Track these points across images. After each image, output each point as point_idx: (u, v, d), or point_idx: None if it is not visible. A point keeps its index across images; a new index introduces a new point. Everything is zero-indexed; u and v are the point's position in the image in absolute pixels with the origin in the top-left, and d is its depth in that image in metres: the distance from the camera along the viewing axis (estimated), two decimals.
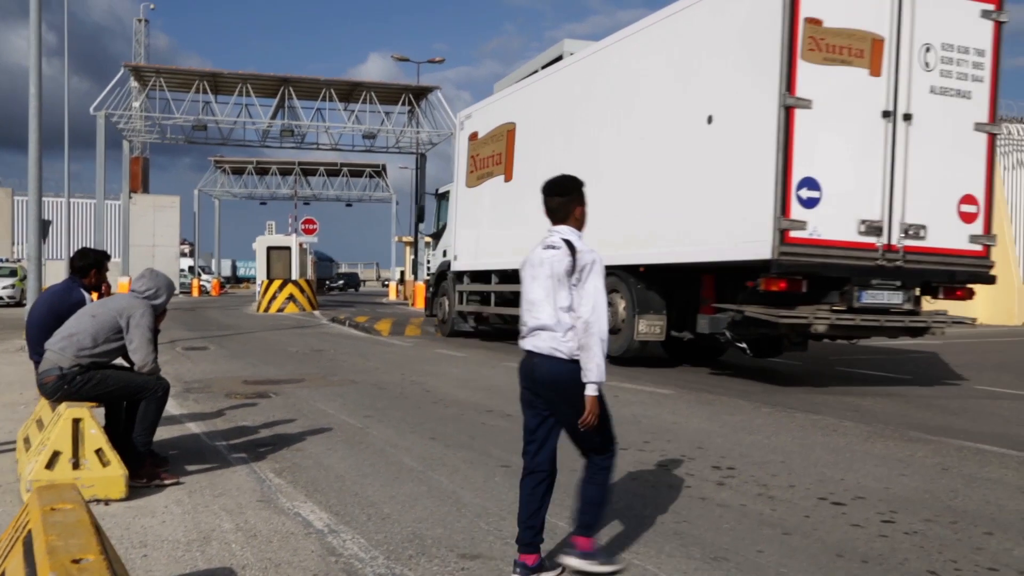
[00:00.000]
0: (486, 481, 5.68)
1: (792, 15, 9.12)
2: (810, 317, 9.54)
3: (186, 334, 18.35)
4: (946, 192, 9.99)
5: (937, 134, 9.78)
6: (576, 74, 13.67)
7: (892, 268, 9.68)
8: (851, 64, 9.40)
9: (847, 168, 9.51)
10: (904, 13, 9.57)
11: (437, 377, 11.11)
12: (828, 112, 9.28)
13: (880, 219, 9.56)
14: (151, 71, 34.44)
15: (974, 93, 9.95)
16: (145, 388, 5.43)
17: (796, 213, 9.17)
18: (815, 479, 5.81)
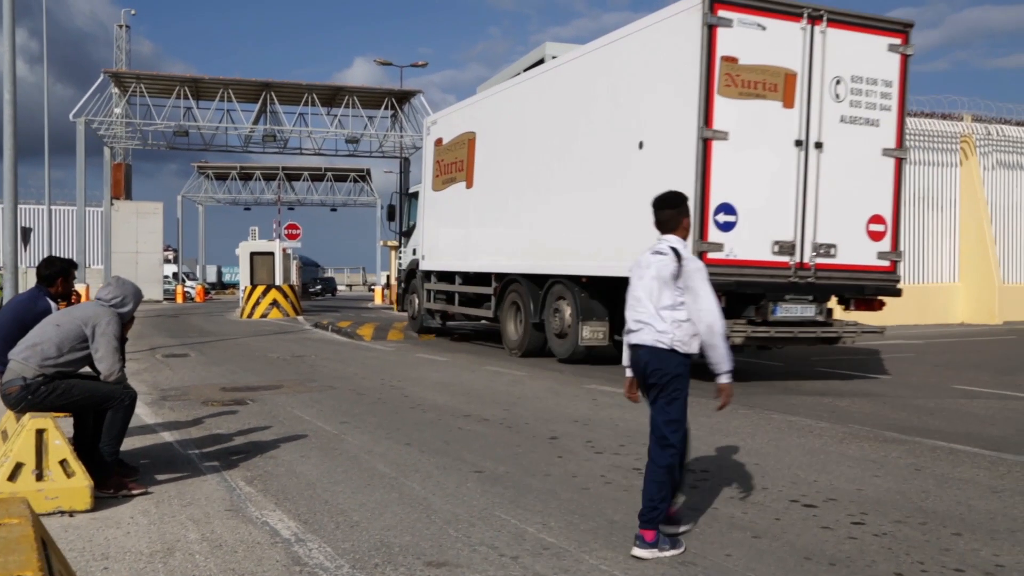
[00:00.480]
0: (458, 487, 5.64)
1: (709, 54, 9.83)
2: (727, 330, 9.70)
3: (167, 341, 18.23)
4: (855, 213, 10.74)
5: (847, 160, 10.53)
6: (528, 92, 14.25)
7: (804, 284, 10.49)
8: (765, 97, 10.15)
9: (762, 193, 10.22)
10: (815, 49, 10.32)
11: (417, 382, 11.07)
12: (744, 142, 10.02)
13: (793, 239, 10.37)
14: (131, 77, 34.24)
15: (882, 121, 10.72)
16: (111, 397, 5.37)
17: (713, 236, 9.94)
18: (788, 481, 5.81)
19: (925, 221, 23.18)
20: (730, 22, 9.92)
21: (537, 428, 7.76)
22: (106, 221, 37.18)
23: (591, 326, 12.27)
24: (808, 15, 10.36)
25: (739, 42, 9.96)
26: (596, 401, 9.39)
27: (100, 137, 35.00)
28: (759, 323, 10.45)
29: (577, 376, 11.66)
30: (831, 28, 10.44)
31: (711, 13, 9.84)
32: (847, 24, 10.59)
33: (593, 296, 12.40)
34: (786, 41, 10.23)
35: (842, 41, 10.48)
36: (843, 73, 10.51)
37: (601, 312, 12.35)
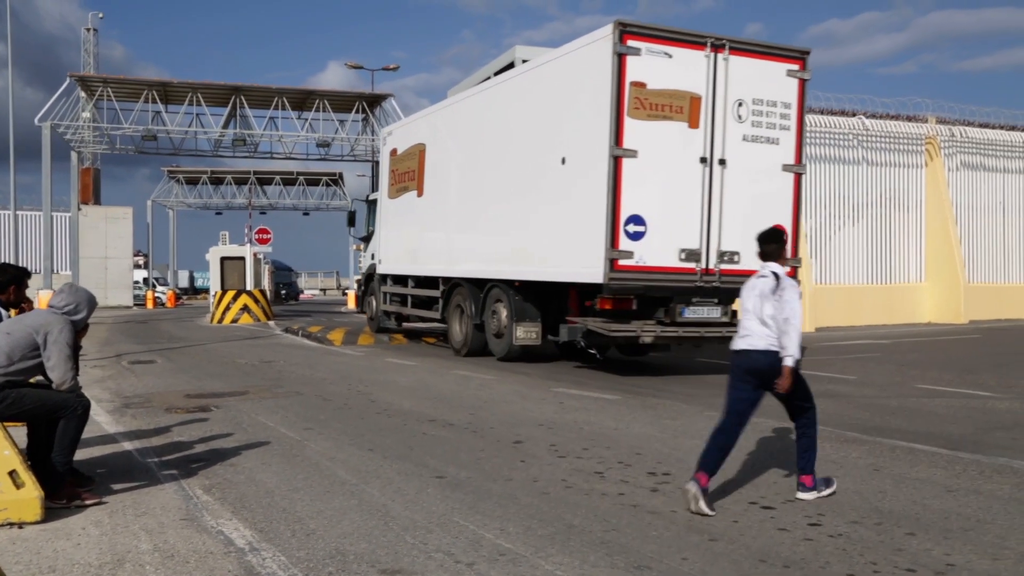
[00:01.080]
0: (418, 493, 5.61)
1: (619, 80, 10.74)
2: (638, 330, 11.35)
3: (134, 347, 18.02)
4: (757, 223, 11.13)
5: (749, 175, 11.51)
6: (471, 108, 15.08)
7: (710, 288, 11.46)
8: (672, 119, 11.08)
9: (669, 206, 11.17)
10: (719, 74, 11.28)
11: (384, 387, 11.02)
12: (652, 159, 10.94)
13: (698, 247, 11.30)
14: (98, 81, 33.83)
15: (782, 140, 11.72)
16: (64, 406, 5.28)
17: (624, 245, 10.86)
18: (749, 483, 5.83)
19: (892, 222, 23.45)
20: (638, 51, 10.84)
21: (502, 432, 7.74)
22: (73, 226, 36.72)
23: (524, 327, 13.02)
24: (711, 44, 11.28)
25: (647, 69, 10.88)
26: (563, 404, 9.39)
27: (67, 141, 34.55)
28: (668, 323, 11.44)
29: (545, 380, 11.66)
30: (733, 55, 11.38)
31: (621, 43, 10.74)
32: (748, 52, 11.53)
33: (527, 299, 13.12)
34: (691, 67, 11.17)
35: (744, 67, 11.44)
36: (745, 96, 11.46)
37: (534, 314, 13.09)
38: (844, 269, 22.84)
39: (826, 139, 22.79)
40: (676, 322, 11.42)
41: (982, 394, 10.05)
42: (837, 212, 22.83)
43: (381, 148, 19.92)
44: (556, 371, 12.70)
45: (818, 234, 22.51)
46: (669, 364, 13.88)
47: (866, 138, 23.20)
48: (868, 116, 23.16)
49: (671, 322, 11.44)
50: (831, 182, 22.77)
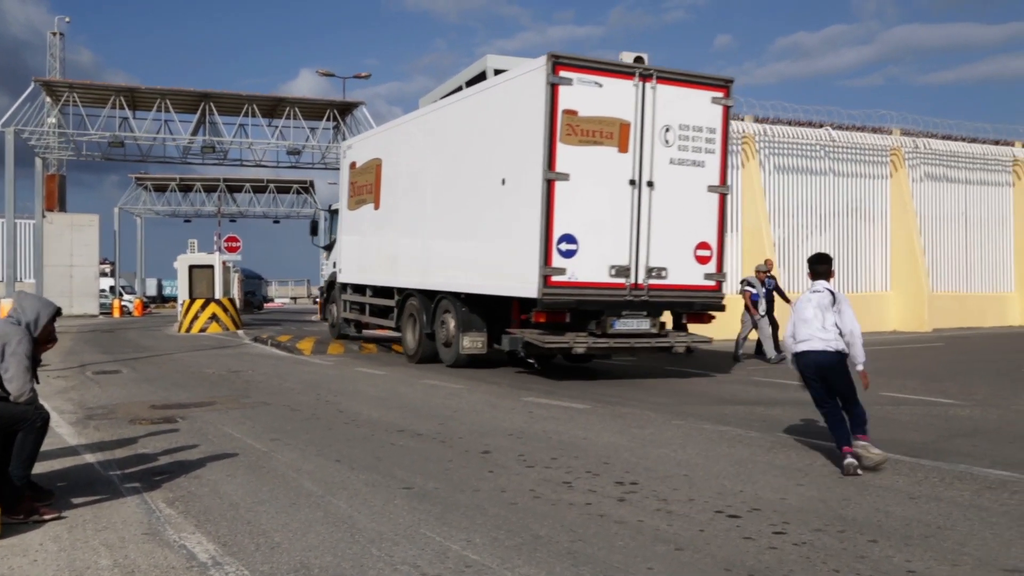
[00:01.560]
0: (385, 504, 5.58)
1: (552, 108, 11.37)
2: (571, 341, 12.01)
3: (99, 357, 17.76)
4: (684, 241, 12.40)
5: (676, 196, 12.17)
6: (423, 127, 15.83)
7: (639, 302, 12.09)
8: (602, 144, 11.72)
9: (600, 225, 11.80)
10: (647, 102, 11.90)
11: (353, 396, 10.96)
12: (583, 182, 11.58)
13: (628, 264, 11.95)
14: (64, 86, 33.41)
15: (707, 163, 12.41)
16: (22, 419, 5.19)
17: (556, 262, 11.50)
18: (715, 492, 5.86)
19: (857, 232, 23.75)
20: (570, 81, 11.47)
21: (471, 442, 7.73)
22: (38, 234, 36.17)
23: (471, 336, 13.46)
24: (640, 74, 11.93)
25: (578, 97, 11.51)
26: (532, 414, 9.39)
27: (31, 148, 34.06)
28: (600, 335, 12.08)
29: (515, 389, 11.66)
30: (660, 84, 12.00)
31: (553, 73, 11.37)
32: (674, 81, 12.19)
33: (473, 310, 13.56)
34: (621, 96, 11.80)
35: (670, 95, 12.10)
36: (672, 122, 12.10)
37: (480, 325, 13.54)
38: None
39: (794, 150, 23.07)
40: (607, 334, 12.08)
41: (944, 401, 10.19)
42: (805, 222, 23.10)
43: (342, 160, 20.55)
44: (526, 381, 12.71)
45: (786, 244, 22.75)
46: (638, 373, 13.94)
47: (833, 149, 23.51)
48: (835, 127, 23.47)
49: (603, 334, 12.08)
50: (799, 192, 23.04)
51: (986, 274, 25.80)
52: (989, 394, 10.90)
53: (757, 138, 22.24)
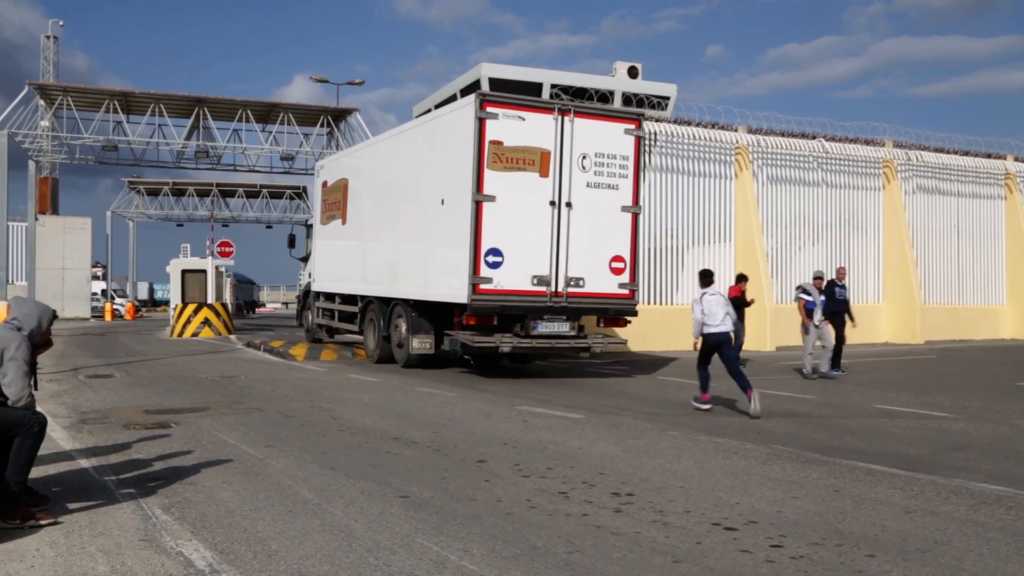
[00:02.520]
0: (382, 513, 5.57)
1: (480, 139, 12.96)
2: (498, 341, 13.40)
3: (91, 361, 17.70)
4: (600, 254, 13.92)
5: (592, 215, 13.75)
6: (381, 151, 17.63)
7: (559, 307, 13.60)
8: (525, 170, 13.32)
9: (523, 240, 13.32)
10: (565, 134, 13.53)
11: (347, 403, 10.94)
12: (508, 203, 13.17)
13: (548, 274, 13.50)
14: (58, 89, 33.37)
15: (621, 186, 13.97)
16: (19, 424, 5.17)
17: (484, 272, 13.08)
18: (711, 504, 5.87)
19: (850, 243, 23.85)
20: (496, 115, 13.08)
21: (466, 451, 7.72)
22: (30, 236, 36.04)
23: (419, 338, 14.86)
24: (559, 109, 13.68)
25: (503, 130, 13.12)
26: (527, 423, 9.39)
27: (25, 151, 33.97)
28: (524, 336, 13.54)
29: (509, 397, 11.66)
30: (578, 118, 13.64)
31: (481, 109, 13.01)
32: (590, 115, 13.92)
33: (421, 315, 14.95)
34: (541, 128, 13.41)
35: (587, 127, 13.69)
36: (588, 150, 13.69)
37: (427, 328, 14.89)
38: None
39: (787, 161, 23.17)
40: (530, 335, 13.56)
41: (937, 415, 10.23)
42: (797, 233, 23.19)
43: (315, 179, 22.14)
44: (519, 389, 12.71)
45: (778, 255, 22.83)
46: (630, 383, 13.96)
47: (826, 160, 23.62)
48: (828, 139, 23.58)
49: (526, 335, 13.55)
50: (791, 203, 23.13)
51: (978, 287, 25.94)
52: (982, 407, 10.95)
53: (750, 149, 22.33)
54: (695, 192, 21.86)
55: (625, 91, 22.86)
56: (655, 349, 20.22)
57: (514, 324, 13.61)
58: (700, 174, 21.98)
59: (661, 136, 21.32)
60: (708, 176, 22.08)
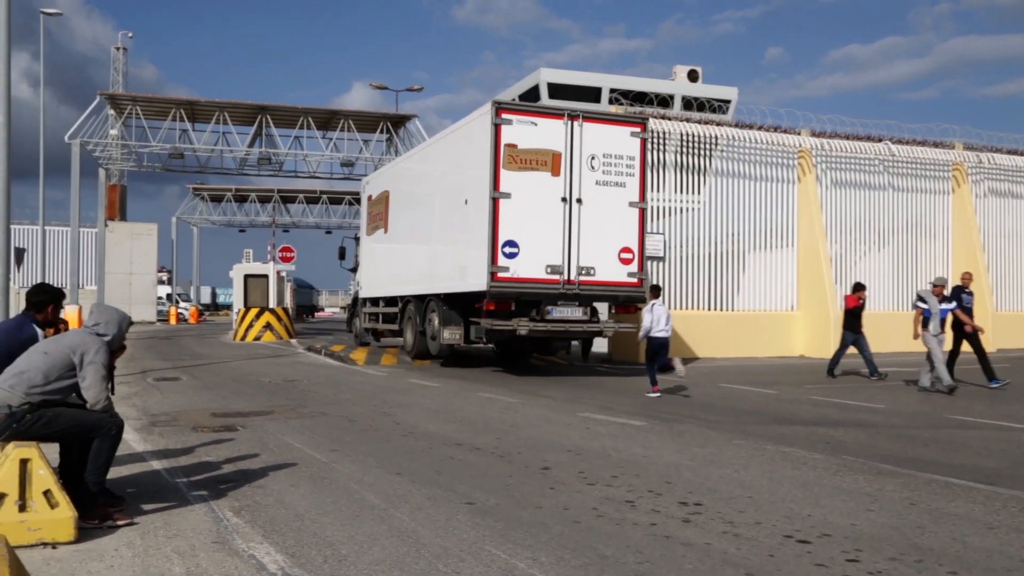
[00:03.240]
0: (448, 520, 5.57)
1: (496, 142, 14.37)
2: (515, 325, 14.64)
3: (159, 364, 18.12)
4: (609, 245, 15.12)
5: (601, 210, 14.98)
6: (415, 162, 19.77)
7: (571, 294, 14.86)
8: (538, 170, 14.65)
9: (538, 233, 14.62)
10: (575, 137, 14.81)
11: (408, 408, 11.00)
12: (523, 200, 14.50)
13: (561, 264, 14.79)
14: (127, 99, 34.31)
15: (628, 184, 15.20)
16: (98, 426, 5.29)
17: (501, 262, 14.43)
18: (782, 515, 5.74)
19: (918, 248, 23.26)
20: (510, 121, 14.47)
21: (529, 458, 7.69)
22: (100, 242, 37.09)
23: (450, 330, 16.05)
24: (568, 114, 14.93)
25: (517, 134, 14.47)
26: (589, 430, 9.32)
27: (96, 159, 34.99)
28: (539, 320, 14.74)
29: (570, 403, 11.60)
30: (586, 123, 14.95)
31: (497, 116, 14.42)
32: (598, 119, 15.30)
33: (452, 308, 16.15)
34: (553, 132, 14.73)
35: (595, 131, 14.98)
36: (597, 151, 14.93)
37: (457, 320, 16.01)
38: (869, 295, 22.55)
39: (852, 164, 22.69)
40: (545, 319, 14.78)
41: (1015, 426, 9.88)
42: (862, 238, 22.68)
43: (362, 195, 24.21)
44: (580, 395, 12.65)
45: (842, 260, 22.35)
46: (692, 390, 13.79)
47: (892, 163, 23.07)
48: (895, 142, 23.03)
49: (541, 319, 14.75)
50: (855, 208, 22.64)
51: None
52: None
53: (814, 152, 21.92)
54: (756, 196, 21.55)
55: (685, 95, 22.66)
56: (716, 355, 19.97)
57: (530, 310, 14.79)
58: (762, 178, 21.66)
59: (722, 140, 21.06)
60: (770, 180, 21.74)
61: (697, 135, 20.73)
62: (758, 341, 20.68)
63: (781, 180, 21.86)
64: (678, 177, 20.56)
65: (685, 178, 20.65)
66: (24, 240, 41.29)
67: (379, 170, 24.43)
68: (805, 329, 21.35)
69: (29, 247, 38.47)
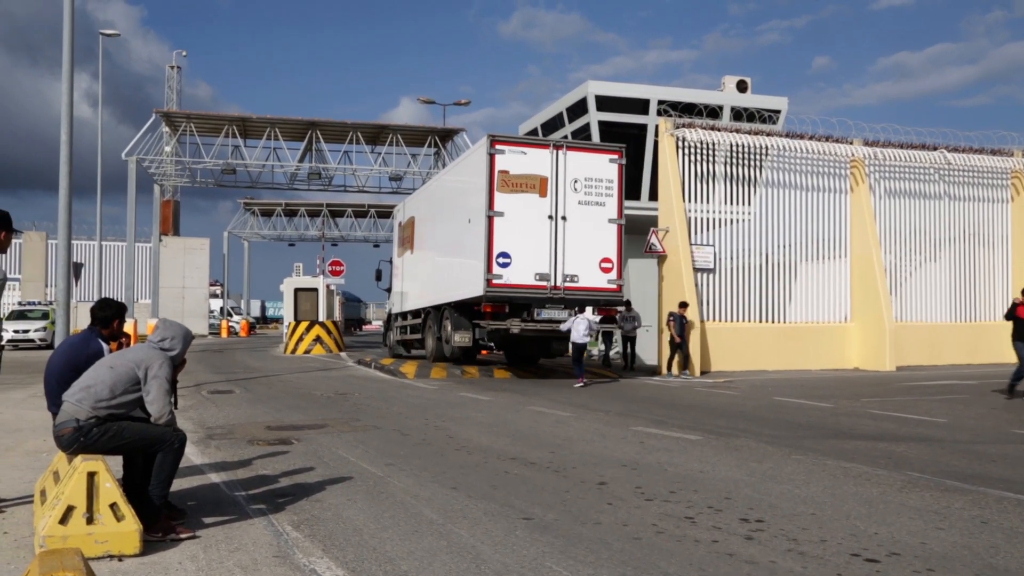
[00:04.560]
0: (507, 535, 5.53)
1: (491, 169, 17.02)
2: (509, 324, 17.25)
3: (212, 377, 18.38)
4: (591, 256, 17.50)
5: (584, 226, 17.43)
6: (433, 189, 23.22)
7: (558, 298, 17.38)
8: (527, 192, 17.19)
9: (527, 246, 17.11)
10: (559, 163, 17.36)
11: (461, 422, 10.99)
12: (514, 217, 17.05)
13: (548, 272, 17.27)
14: (182, 116, 35.03)
15: (607, 203, 17.62)
16: (162, 440, 5.36)
17: (496, 271, 16.95)
18: (847, 533, 5.60)
19: (975, 258, 22.71)
20: (503, 151, 17.10)
21: (585, 472, 7.63)
22: (154, 256, 37.86)
23: (459, 333, 18.43)
24: (553, 144, 17.70)
25: (509, 161, 17.06)
26: (643, 444, 9.23)
27: (151, 175, 35.75)
28: (529, 320, 17.23)
29: (623, 417, 11.50)
30: (570, 151, 17.59)
31: (491, 147, 17.09)
32: (580, 148, 18.09)
33: (461, 314, 18.47)
34: (540, 159, 17.31)
35: (578, 158, 17.56)
36: (579, 175, 17.44)
37: (466, 324, 18.29)
38: (925, 306, 22.16)
39: (906, 173, 22.27)
40: (534, 320, 17.26)
41: None
42: (917, 248, 22.23)
43: (393, 222, 27.89)
44: (632, 408, 12.54)
45: (897, 270, 21.92)
46: (745, 403, 13.59)
47: (948, 172, 22.59)
48: (950, 150, 22.54)
49: (531, 320, 17.21)
50: (910, 217, 22.22)
51: None
52: None
53: (867, 161, 21.56)
54: (808, 206, 21.27)
55: (735, 105, 22.45)
56: (767, 368, 19.68)
57: (522, 312, 17.24)
58: (813, 188, 21.36)
59: (772, 150, 20.82)
60: (822, 190, 21.43)
61: (746, 145, 20.53)
62: (811, 353, 20.34)
63: (833, 190, 21.52)
64: (727, 188, 20.36)
65: (734, 189, 20.46)
66: (81, 255, 42.34)
67: (407, 198, 27.12)
68: (859, 341, 20.95)
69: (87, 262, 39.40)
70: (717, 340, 19.48)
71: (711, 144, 20.15)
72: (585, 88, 21.91)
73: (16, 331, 31.04)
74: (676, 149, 19.87)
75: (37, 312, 33.07)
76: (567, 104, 23.09)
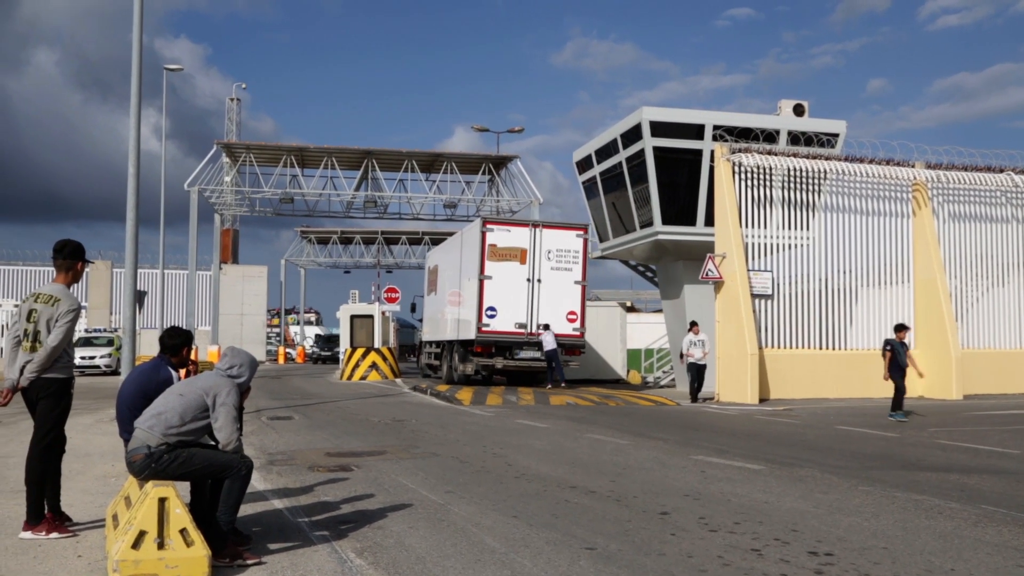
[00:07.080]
0: (571, 566, 5.48)
1: (482, 243, 22.76)
2: (494, 361, 22.84)
3: (271, 403, 18.62)
4: (560, 310, 22.95)
5: (555, 286, 23.01)
6: (447, 248, 28.88)
7: (533, 342, 22.81)
8: (510, 260, 22.79)
9: (510, 301, 22.69)
10: (537, 238, 23.09)
11: (519, 450, 10.96)
12: (500, 280, 22.74)
13: (526, 321, 22.84)
14: (242, 147, 35.85)
15: (574, 269, 23.22)
16: (229, 467, 5.44)
17: (484, 320, 22.60)
18: (922, 568, 5.44)
19: None
20: (492, 229, 22.98)
21: (646, 502, 7.53)
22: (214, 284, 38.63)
23: (463, 365, 23.57)
24: (532, 223, 24.17)
25: (497, 237, 22.85)
26: (705, 474, 9.09)
27: (211, 204, 36.59)
28: (511, 359, 22.79)
29: (682, 446, 11.35)
30: (545, 229, 23.48)
31: (483, 226, 22.94)
32: (553, 227, 23.72)
33: (467, 350, 23.42)
34: (521, 235, 23.10)
35: (551, 234, 23.32)
36: (552, 247, 23.07)
37: (469, 357, 23.20)
38: (993, 333, 21.54)
39: (971, 196, 21.77)
40: (514, 359, 22.80)
41: None
42: (984, 272, 21.67)
43: (425, 267, 33.61)
44: (691, 436, 12.38)
45: (963, 296, 21.37)
46: (807, 432, 13.31)
47: (1015, 195, 22.02)
48: (1017, 172, 21.98)
49: (512, 358, 22.78)
50: (976, 241, 21.69)
51: None
52: None
53: (929, 184, 21.13)
54: (868, 231, 20.90)
55: (792, 129, 22.15)
56: (828, 396, 19.29)
57: (505, 352, 22.77)
58: (874, 212, 20.99)
59: (831, 174, 20.53)
60: (882, 214, 21.05)
61: (804, 169, 20.28)
62: (872, 381, 19.81)
63: (894, 214, 21.13)
64: (785, 213, 20.11)
65: (792, 213, 20.19)
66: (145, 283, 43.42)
67: (434, 248, 34.06)
68: (924, 369, 20.39)
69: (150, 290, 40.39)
70: (776, 367, 19.15)
71: (768, 169, 19.95)
72: (640, 114, 21.86)
73: (83, 357, 31.84)
74: (732, 174, 19.70)
75: (103, 339, 33.92)
76: (621, 130, 23.03)
